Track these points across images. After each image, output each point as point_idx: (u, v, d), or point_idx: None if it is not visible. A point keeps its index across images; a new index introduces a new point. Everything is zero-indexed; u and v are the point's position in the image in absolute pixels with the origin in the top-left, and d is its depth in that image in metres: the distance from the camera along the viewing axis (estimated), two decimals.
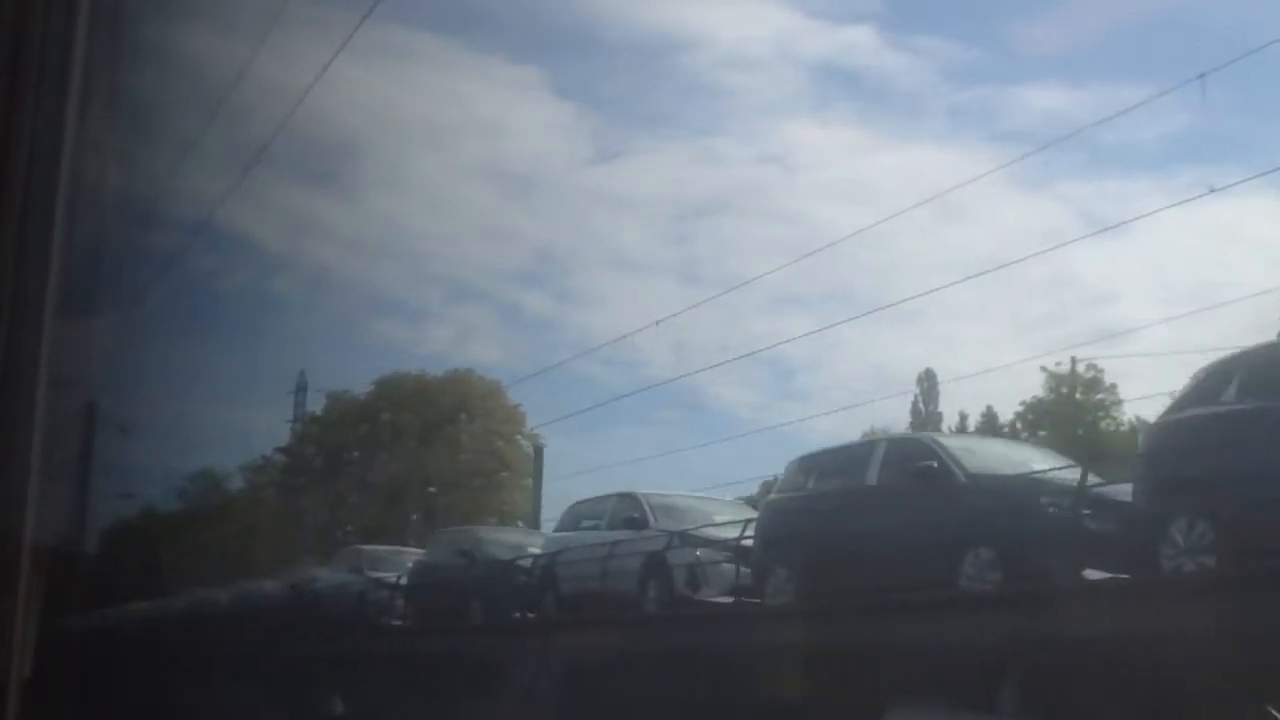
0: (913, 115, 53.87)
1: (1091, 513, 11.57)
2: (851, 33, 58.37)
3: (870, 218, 53.92)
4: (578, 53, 56.15)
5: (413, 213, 58.28)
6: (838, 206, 53.05)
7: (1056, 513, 11.81)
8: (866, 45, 58.88)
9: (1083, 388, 37.51)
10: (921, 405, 41.38)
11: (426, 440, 44.27)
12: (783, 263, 59.14)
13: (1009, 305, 55.15)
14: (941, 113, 56.79)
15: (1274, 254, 40.35)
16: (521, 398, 44.95)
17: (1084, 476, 12.13)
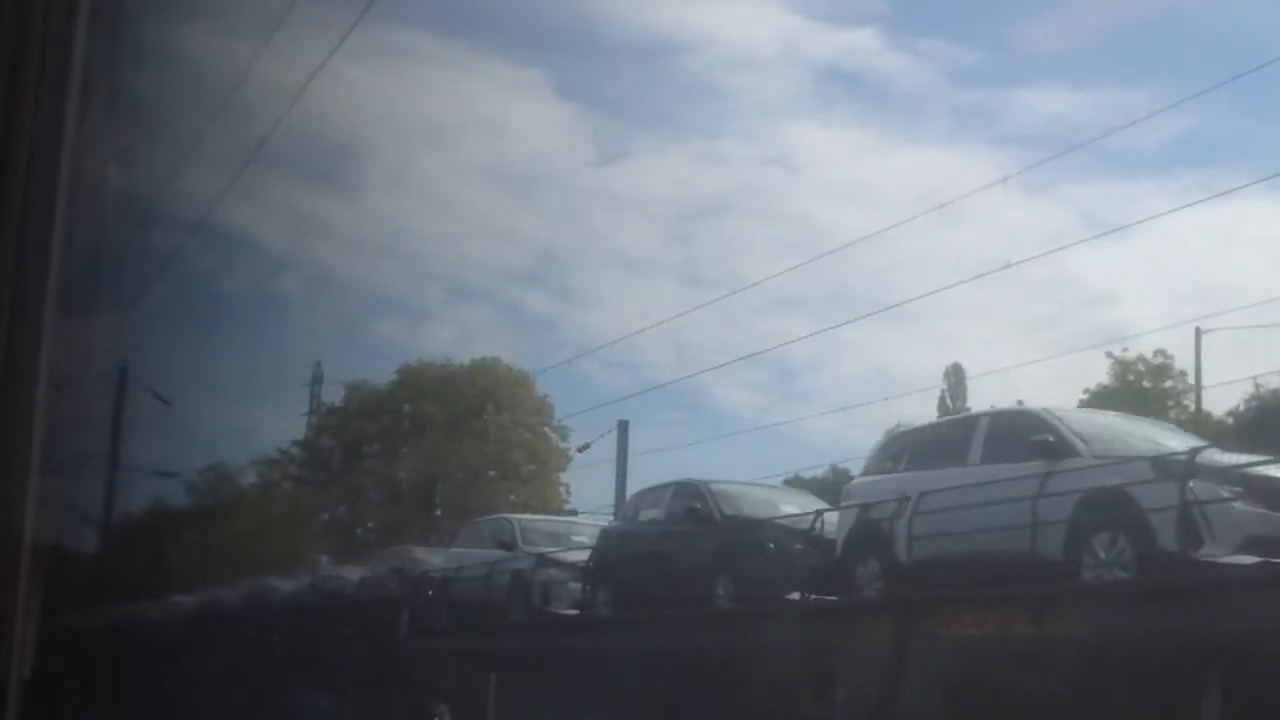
0: (915, 117, 55.61)
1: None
2: (854, 34, 59.80)
3: (872, 219, 58.61)
4: (579, 53, 57.39)
5: (414, 212, 59.65)
6: (840, 208, 55.39)
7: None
8: (869, 47, 61.30)
9: (1151, 375, 37.37)
10: (949, 400, 41.19)
11: (452, 433, 44.44)
12: (787, 266, 61.10)
13: (1011, 307, 57.06)
14: (944, 114, 58.86)
15: (1276, 256, 42.09)
16: None
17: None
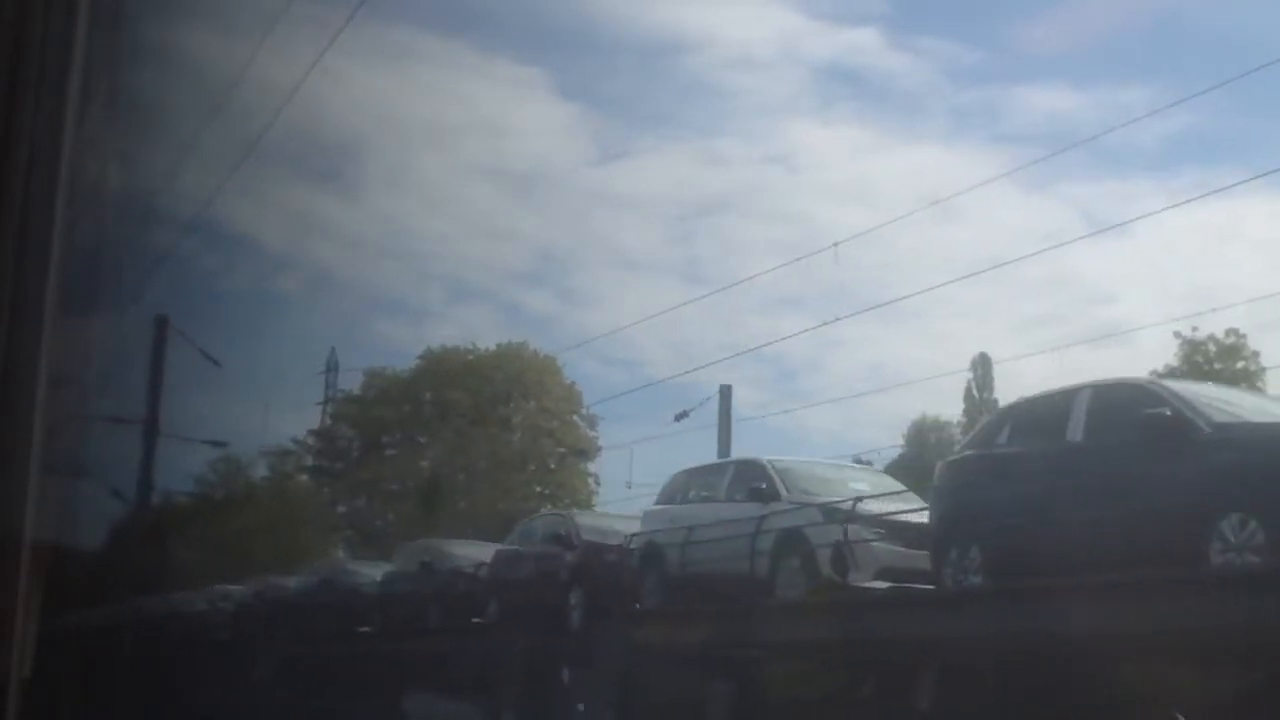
0: (916, 116, 58.08)
1: None
2: (855, 34, 61.66)
3: (872, 218, 61.23)
4: (580, 53, 59.81)
5: (415, 212, 61.46)
6: (840, 207, 56.63)
7: None
8: (870, 46, 63.79)
9: (1222, 355, 37.30)
10: (975, 391, 41.57)
11: (479, 420, 44.67)
12: (783, 263, 62.11)
13: (1009, 304, 58.56)
14: (944, 113, 62.03)
15: (1273, 254, 43.05)
16: None
17: None
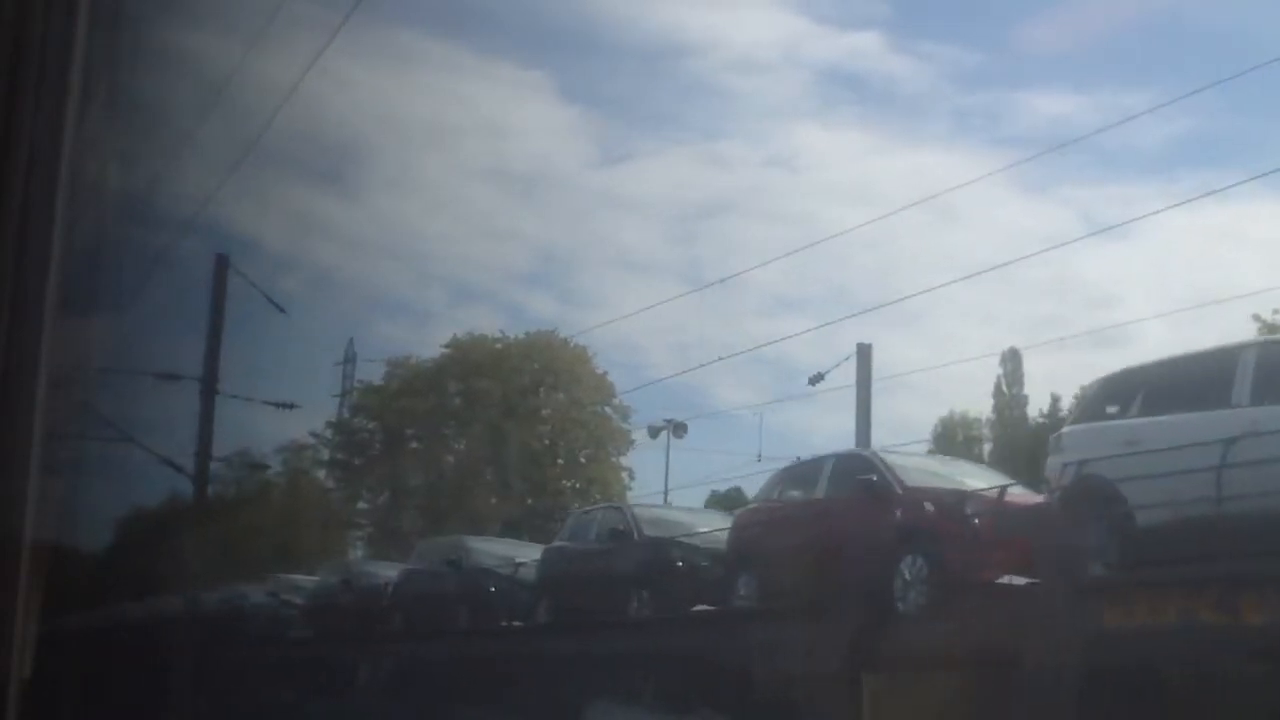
0: (918, 119, 60.08)
1: None
2: (857, 37, 65.34)
3: (873, 220, 62.02)
4: (583, 55, 61.49)
5: (416, 213, 62.68)
6: (843, 209, 58.24)
7: None
8: (872, 49, 67.07)
9: None
10: (1005, 387, 42.14)
11: (507, 412, 44.89)
12: (785, 262, 62.32)
13: (1010, 306, 59.50)
14: (946, 116, 64.19)
15: (1275, 255, 44.41)
16: None
17: None
